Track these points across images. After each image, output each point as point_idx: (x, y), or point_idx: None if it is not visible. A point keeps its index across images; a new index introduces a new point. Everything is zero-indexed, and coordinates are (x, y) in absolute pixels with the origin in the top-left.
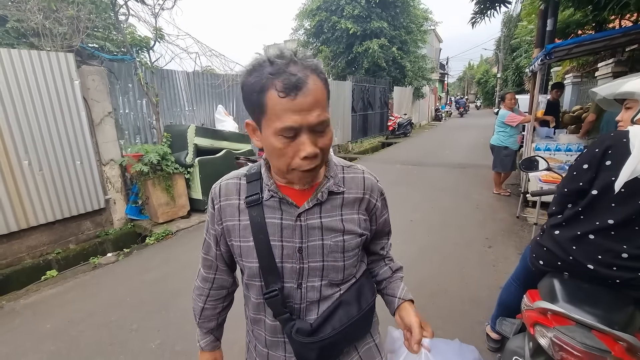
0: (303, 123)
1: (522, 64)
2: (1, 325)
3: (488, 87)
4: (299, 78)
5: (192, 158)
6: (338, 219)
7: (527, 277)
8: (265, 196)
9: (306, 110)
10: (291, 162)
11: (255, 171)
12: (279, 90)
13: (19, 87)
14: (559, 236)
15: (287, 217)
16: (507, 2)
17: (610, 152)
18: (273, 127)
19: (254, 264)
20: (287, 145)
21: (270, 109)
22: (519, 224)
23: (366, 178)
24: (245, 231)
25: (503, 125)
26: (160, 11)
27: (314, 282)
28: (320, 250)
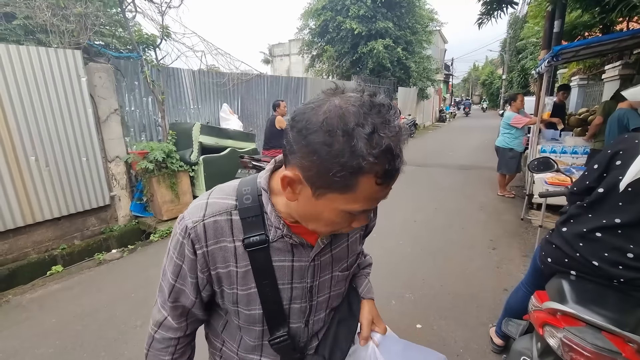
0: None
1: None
2: (8, 319)
3: (493, 89)
4: (400, 162)
5: (197, 156)
6: (345, 245)
7: (536, 279)
8: (271, 237)
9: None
10: (327, 230)
11: (251, 205)
12: (378, 177)
13: (27, 84)
14: (566, 233)
15: (300, 259)
16: (513, 3)
17: (622, 153)
18: (345, 206)
19: (255, 311)
20: (343, 220)
21: (359, 192)
22: (523, 226)
23: None
24: (245, 278)
25: (509, 127)
26: (167, 9)
27: (319, 315)
28: (329, 282)
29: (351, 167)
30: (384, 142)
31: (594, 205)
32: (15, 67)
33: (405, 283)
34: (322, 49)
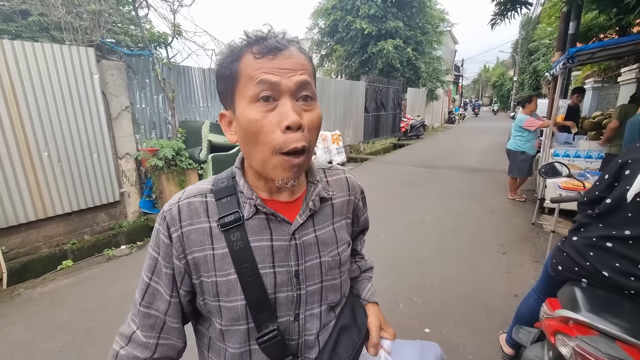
0: (283, 81)
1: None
2: (20, 312)
3: (503, 90)
4: (278, 40)
5: (205, 154)
6: (330, 229)
7: (547, 286)
8: (246, 214)
9: (286, 69)
10: (273, 140)
11: (225, 185)
12: (255, 52)
13: (41, 80)
14: (577, 242)
15: (279, 237)
16: (528, 4)
17: (631, 162)
18: (247, 94)
19: (238, 302)
20: (265, 115)
21: (244, 73)
22: (534, 231)
23: (348, 178)
24: (222, 262)
25: (521, 130)
26: (178, 7)
27: (312, 310)
28: (319, 269)
29: (232, 57)
30: (255, 35)
31: (603, 216)
32: (30, 63)
33: (413, 286)
34: (331, 48)
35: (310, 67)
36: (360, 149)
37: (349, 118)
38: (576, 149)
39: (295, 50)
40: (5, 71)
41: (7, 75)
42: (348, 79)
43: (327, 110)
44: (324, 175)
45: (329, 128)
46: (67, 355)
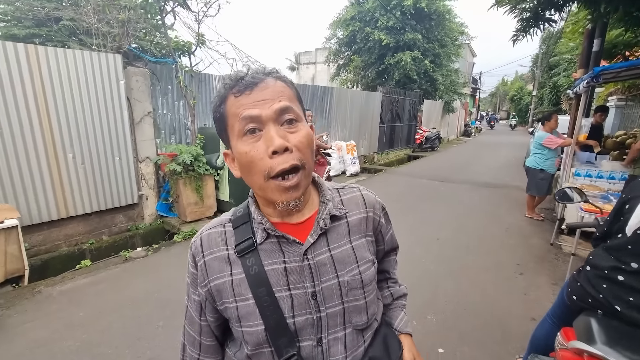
0: (263, 112)
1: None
2: (39, 310)
3: (522, 105)
4: (254, 76)
5: (222, 160)
6: (348, 247)
7: (563, 313)
8: (259, 239)
9: (264, 100)
10: (262, 167)
11: (241, 214)
12: (234, 92)
13: (70, 84)
14: (590, 273)
15: (291, 259)
16: (552, 21)
17: (631, 197)
18: (235, 131)
19: (257, 327)
20: (253, 146)
21: (229, 113)
22: (553, 252)
23: (364, 195)
24: (240, 287)
25: (540, 147)
26: (203, 18)
27: (336, 333)
28: (338, 290)
29: (219, 101)
30: (234, 77)
31: (612, 249)
32: (60, 68)
33: (427, 303)
34: (348, 58)
35: (290, 92)
36: (375, 159)
37: (364, 128)
38: (598, 169)
39: (272, 80)
40: (37, 75)
41: (39, 79)
42: (364, 89)
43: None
44: (338, 194)
45: (344, 138)
46: (84, 354)
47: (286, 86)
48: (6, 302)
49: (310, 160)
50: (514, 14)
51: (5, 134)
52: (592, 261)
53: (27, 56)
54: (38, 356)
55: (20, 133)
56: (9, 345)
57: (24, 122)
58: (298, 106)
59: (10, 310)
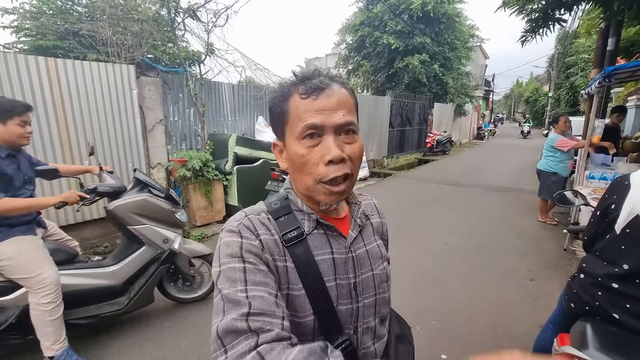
0: (326, 122)
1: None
2: None
3: (537, 107)
4: (321, 80)
5: (231, 166)
6: (376, 244)
7: (562, 319)
8: (307, 229)
9: (329, 110)
10: (316, 172)
11: (278, 206)
12: (301, 93)
13: (87, 95)
14: (584, 280)
15: (338, 250)
16: (562, 21)
17: (615, 197)
18: (295, 132)
19: (308, 317)
20: (310, 150)
21: (292, 113)
22: (566, 258)
23: (375, 203)
24: (291, 277)
25: (552, 150)
26: (212, 28)
27: (369, 323)
28: (372, 282)
29: (282, 96)
30: (302, 75)
31: (602, 252)
32: (78, 79)
33: (432, 308)
34: (358, 63)
35: (351, 102)
36: (384, 163)
37: (374, 133)
38: (614, 171)
39: (337, 88)
40: (56, 86)
41: (59, 89)
42: (374, 93)
43: None
44: (358, 199)
45: None
46: (95, 355)
47: (349, 95)
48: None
49: (358, 170)
50: (521, 15)
51: None
52: (586, 268)
53: (47, 68)
54: None
55: (40, 140)
56: None
57: (43, 129)
58: (356, 116)
59: None
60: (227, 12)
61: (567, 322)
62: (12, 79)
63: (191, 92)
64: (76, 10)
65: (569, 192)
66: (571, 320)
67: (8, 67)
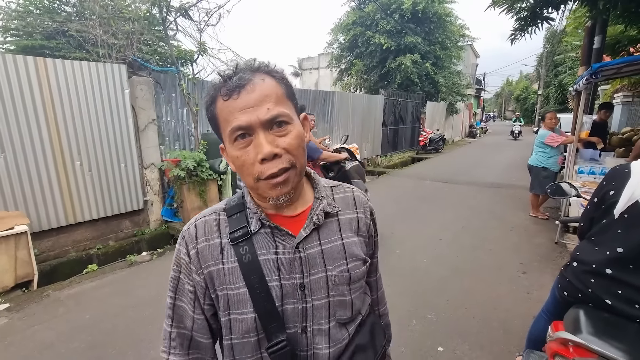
0: (252, 120)
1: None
2: (47, 312)
3: (528, 104)
4: (240, 77)
5: (225, 165)
6: (339, 243)
7: (555, 308)
8: (253, 228)
9: (252, 107)
10: (253, 171)
11: (236, 203)
12: (222, 95)
13: (77, 95)
14: (577, 268)
15: (283, 250)
16: (549, 19)
17: (614, 183)
18: (227, 135)
19: (248, 314)
20: (244, 152)
21: (220, 117)
22: (557, 251)
23: (356, 196)
24: (232, 276)
25: (543, 146)
26: (205, 27)
27: (320, 325)
28: (325, 283)
29: (210, 101)
30: (224, 76)
31: (597, 237)
32: (68, 79)
33: (427, 303)
34: (350, 63)
35: (279, 91)
36: (378, 162)
37: (367, 131)
38: (602, 166)
39: (259, 81)
40: (46, 86)
41: (48, 90)
42: (367, 92)
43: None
44: (331, 192)
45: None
46: (89, 355)
47: (275, 84)
48: (16, 306)
49: (302, 159)
50: (511, 14)
51: (16, 143)
52: (579, 257)
53: (36, 68)
54: (45, 358)
55: (30, 141)
56: (18, 347)
57: (33, 131)
58: (288, 105)
59: (19, 314)
60: (219, 11)
61: (560, 310)
62: (0, 79)
63: (184, 91)
64: (64, 9)
65: (565, 183)
66: (564, 309)
67: None
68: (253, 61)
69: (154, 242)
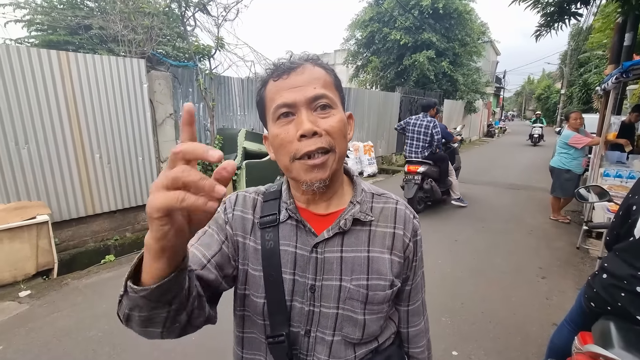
0: (297, 97)
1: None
2: (66, 300)
3: (549, 104)
4: (292, 61)
5: (240, 161)
6: (363, 255)
7: (580, 319)
8: (282, 217)
9: (300, 86)
10: (290, 149)
11: (274, 189)
12: (274, 77)
13: (98, 89)
14: (606, 281)
15: (302, 247)
16: (578, 15)
17: (637, 196)
18: (271, 114)
19: (260, 299)
20: (284, 129)
21: (267, 97)
22: (579, 256)
23: (398, 210)
24: (254, 257)
25: (566, 147)
26: (222, 22)
27: (324, 334)
28: (337, 293)
29: (260, 86)
30: (274, 62)
31: (622, 254)
32: (89, 73)
33: (442, 305)
34: (367, 59)
35: (327, 78)
36: (393, 160)
37: (382, 129)
38: (630, 169)
39: (309, 66)
40: (68, 80)
41: (70, 83)
42: (383, 90)
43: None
44: (371, 199)
45: (361, 139)
46: (106, 344)
47: (324, 72)
48: (37, 293)
49: (342, 145)
50: (536, 9)
51: (39, 135)
52: (608, 268)
53: (59, 62)
54: (64, 344)
55: (53, 134)
56: (38, 333)
57: (55, 123)
58: (335, 93)
59: (40, 301)
60: (237, 6)
61: (586, 321)
62: (25, 72)
63: (201, 86)
64: (87, 5)
65: (581, 189)
66: (591, 320)
67: (21, 60)
68: (306, 54)
69: None
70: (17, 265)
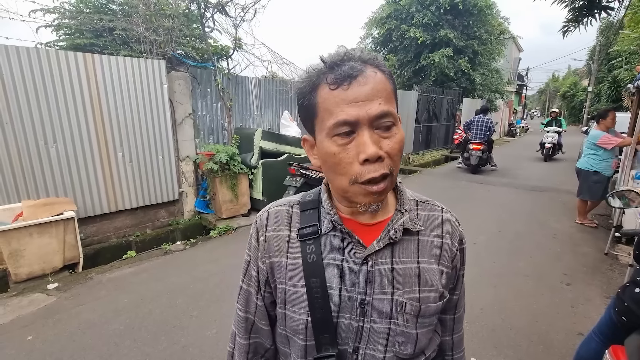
0: (360, 115)
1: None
2: (91, 294)
3: (575, 102)
4: (352, 66)
5: (256, 160)
6: (414, 267)
7: (610, 331)
8: (324, 228)
9: (363, 101)
10: (350, 171)
11: (311, 198)
12: (330, 82)
13: (121, 89)
14: (638, 295)
15: (350, 259)
16: (609, 9)
17: None
18: (326, 128)
19: (302, 316)
20: (343, 149)
21: (321, 106)
22: (607, 262)
23: (445, 217)
24: (293, 272)
25: (594, 148)
26: (240, 22)
27: (374, 351)
28: (389, 307)
29: (310, 87)
30: (330, 60)
31: None
32: (113, 74)
33: None
34: (384, 57)
35: (389, 88)
36: (409, 160)
37: None
38: None
39: (372, 73)
40: (93, 81)
41: (95, 84)
42: (400, 88)
43: None
44: (416, 207)
45: None
46: (127, 338)
47: (386, 80)
48: (64, 286)
49: (398, 166)
50: (564, 4)
51: (66, 134)
52: (639, 283)
53: (85, 64)
54: (88, 336)
55: (79, 133)
56: (65, 324)
57: (81, 123)
58: (395, 105)
59: (66, 293)
60: (255, 6)
61: (617, 334)
62: (54, 74)
63: (219, 86)
64: (111, 8)
65: (630, 191)
66: (621, 333)
67: (50, 63)
68: (360, 49)
69: (187, 232)
70: (46, 258)
